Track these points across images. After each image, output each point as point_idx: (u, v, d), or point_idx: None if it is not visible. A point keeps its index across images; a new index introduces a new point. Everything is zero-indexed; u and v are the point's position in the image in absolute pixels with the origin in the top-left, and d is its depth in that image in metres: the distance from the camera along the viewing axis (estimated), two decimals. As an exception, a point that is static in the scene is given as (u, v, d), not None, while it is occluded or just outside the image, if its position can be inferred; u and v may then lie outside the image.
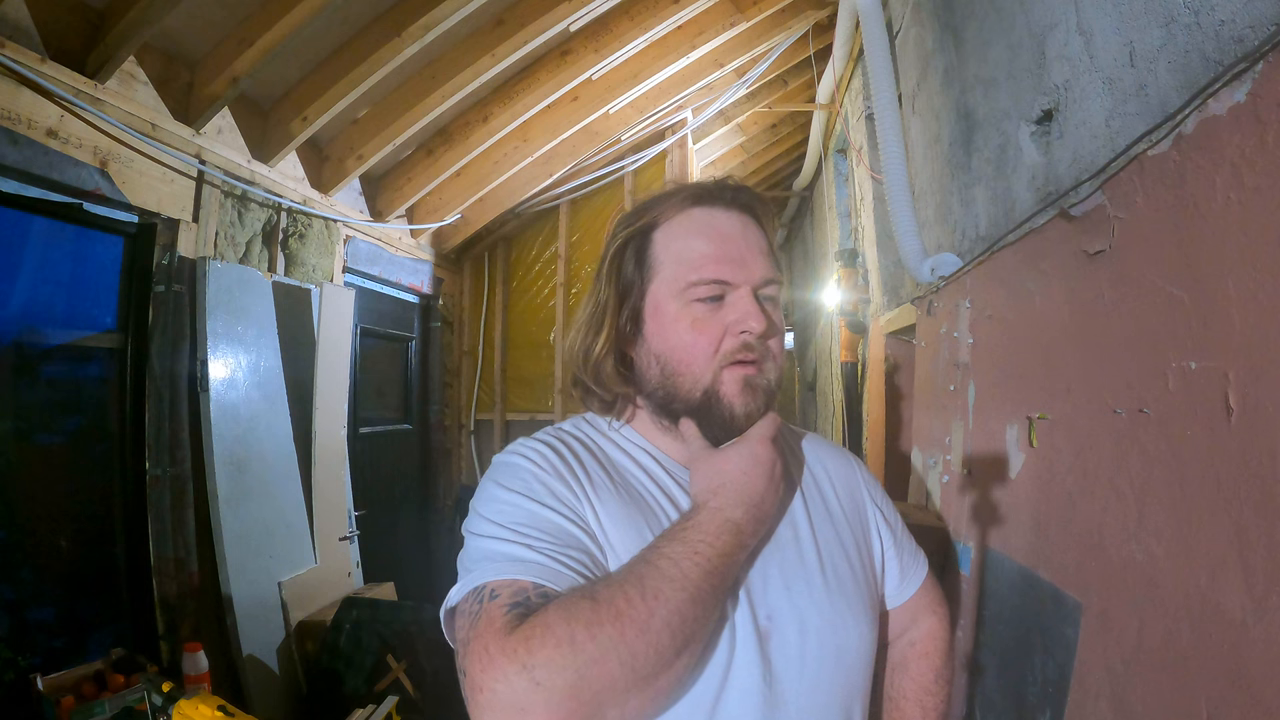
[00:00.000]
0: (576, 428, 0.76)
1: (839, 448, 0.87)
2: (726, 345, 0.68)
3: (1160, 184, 0.88)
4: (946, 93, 1.84)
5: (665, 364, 0.69)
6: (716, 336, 0.68)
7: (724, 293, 0.68)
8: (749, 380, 0.68)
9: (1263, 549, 0.69)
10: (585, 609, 0.50)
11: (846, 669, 0.67)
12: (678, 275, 0.69)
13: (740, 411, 0.67)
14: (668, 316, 0.69)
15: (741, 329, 0.67)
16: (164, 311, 2.21)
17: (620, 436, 0.74)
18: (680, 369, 0.68)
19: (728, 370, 0.68)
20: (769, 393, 0.69)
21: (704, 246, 0.69)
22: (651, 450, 0.73)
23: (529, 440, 0.71)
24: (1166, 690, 0.85)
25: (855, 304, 3.27)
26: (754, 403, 0.68)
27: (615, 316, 0.72)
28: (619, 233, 0.75)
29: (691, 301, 0.68)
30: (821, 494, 0.77)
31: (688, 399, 0.68)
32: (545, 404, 4.30)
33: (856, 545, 0.76)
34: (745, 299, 0.68)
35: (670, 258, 0.70)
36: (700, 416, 0.68)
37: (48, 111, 1.81)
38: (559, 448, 0.69)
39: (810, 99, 4.20)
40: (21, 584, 1.91)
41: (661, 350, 0.70)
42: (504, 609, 0.52)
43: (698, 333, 0.68)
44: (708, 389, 0.68)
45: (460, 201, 3.68)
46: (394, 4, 2.36)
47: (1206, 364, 0.79)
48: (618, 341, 0.73)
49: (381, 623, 2.44)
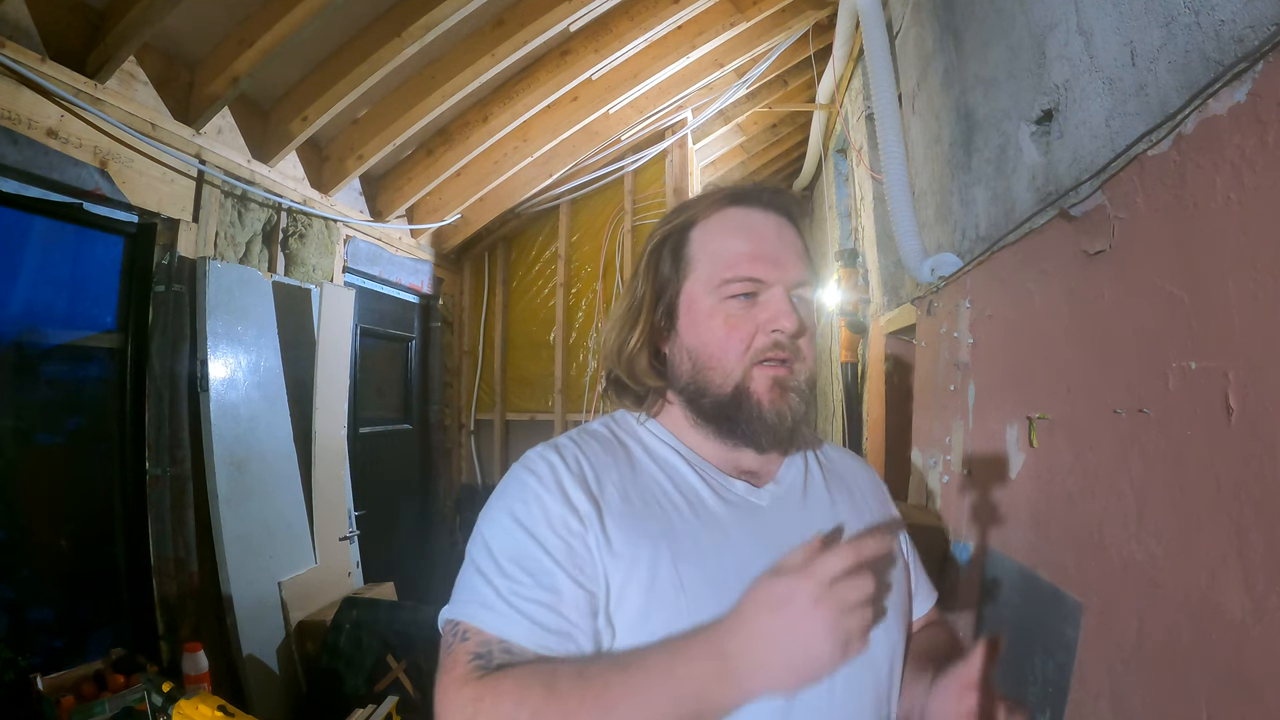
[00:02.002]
0: (606, 427, 0.76)
1: (861, 459, 0.89)
2: (758, 343, 0.68)
3: (1160, 184, 0.88)
4: (946, 93, 1.84)
5: (697, 358, 0.70)
6: (749, 333, 0.68)
7: (758, 290, 0.69)
8: (779, 380, 0.68)
9: (1263, 549, 0.69)
10: (537, 697, 0.52)
11: (879, 671, 0.67)
12: (713, 272, 0.70)
13: (769, 409, 0.68)
14: (702, 312, 0.70)
15: (774, 327, 0.68)
16: (164, 311, 2.21)
17: (647, 433, 0.75)
18: (712, 363, 0.69)
19: (758, 368, 0.68)
20: (800, 393, 0.70)
21: (740, 245, 0.70)
22: (678, 446, 0.73)
23: (547, 451, 0.70)
24: (1166, 690, 0.85)
25: (855, 304, 3.27)
26: (783, 403, 0.69)
27: (651, 312, 0.73)
28: (657, 232, 0.76)
29: (726, 298, 0.69)
30: (853, 502, 0.78)
31: (718, 394, 0.69)
32: (545, 404, 4.30)
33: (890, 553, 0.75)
34: (779, 298, 0.68)
35: (706, 255, 0.71)
36: (729, 412, 0.69)
37: (48, 111, 1.81)
38: (573, 460, 0.68)
39: (810, 99, 4.20)
40: (21, 584, 1.91)
41: (694, 345, 0.71)
42: (468, 657, 0.56)
43: (730, 328, 0.68)
44: (738, 385, 0.68)
45: (460, 201, 3.68)
46: (394, 4, 2.36)
47: (1206, 364, 0.79)
48: (652, 336, 0.74)
49: (381, 623, 2.44)
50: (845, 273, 3.31)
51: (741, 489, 0.71)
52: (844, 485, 0.79)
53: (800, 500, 0.74)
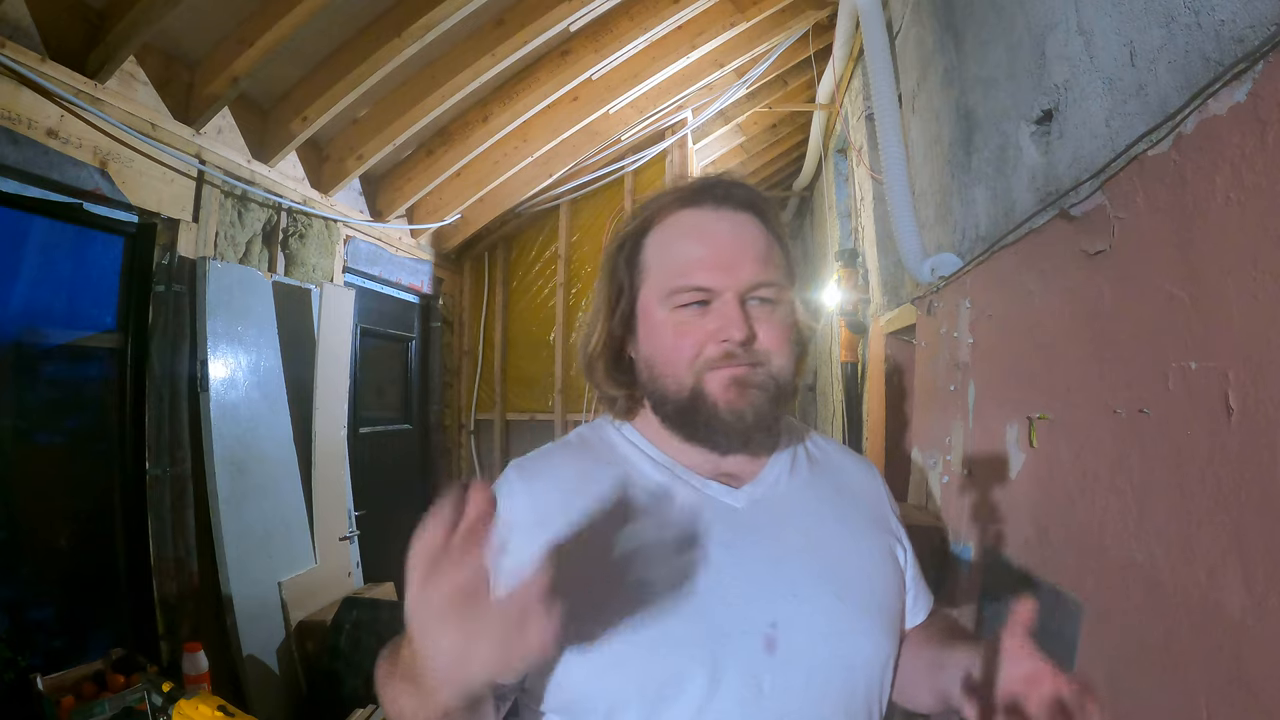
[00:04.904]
0: (580, 436, 0.78)
1: (861, 457, 0.87)
2: (709, 352, 0.67)
3: (1160, 184, 0.88)
4: (946, 93, 1.84)
5: (652, 367, 0.70)
6: (699, 343, 0.67)
7: (709, 299, 0.67)
8: (737, 379, 0.67)
9: (1262, 549, 0.69)
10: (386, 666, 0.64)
11: (856, 679, 0.66)
12: (662, 281, 0.69)
13: (725, 409, 0.67)
14: (654, 321, 0.70)
15: (723, 337, 0.66)
16: (164, 311, 2.21)
17: (622, 439, 0.75)
18: (665, 371, 0.69)
19: (711, 373, 0.67)
20: (766, 388, 0.68)
21: (688, 252, 0.69)
22: (652, 452, 0.73)
23: (518, 469, 0.72)
24: (1166, 690, 0.85)
25: (855, 304, 3.27)
26: (742, 401, 0.67)
27: (609, 319, 0.73)
28: (619, 233, 0.76)
29: (676, 308, 0.68)
30: (841, 502, 0.76)
31: (676, 400, 0.69)
32: (545, 404, 4.30)
33: (876, 555, 0.74)
34: (728, 306, 0.67)
35: (657, 263, 0.71)
36: (688, 415, 0.69)
37: (48, 111, 1.81)
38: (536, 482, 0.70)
39: (810, 99, 4.20)
40: (21, 584, 1.91)
41: (648, 353, 0.71)
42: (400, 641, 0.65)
43: (679, 338, 0.68)
44: (693, 389, 0.68)
45: (460, 201, 3.68)
46: (394, 4, 2.36)
47: (1206, 364, 0.79)
48: (609, 343, 0.74)
49: (381, 623, 2.44)
50: (845, 273, 3.31)
51: (717, 491, 0.70)
52: (832, 481, 0.77)
53: (781, 500, 0.72)
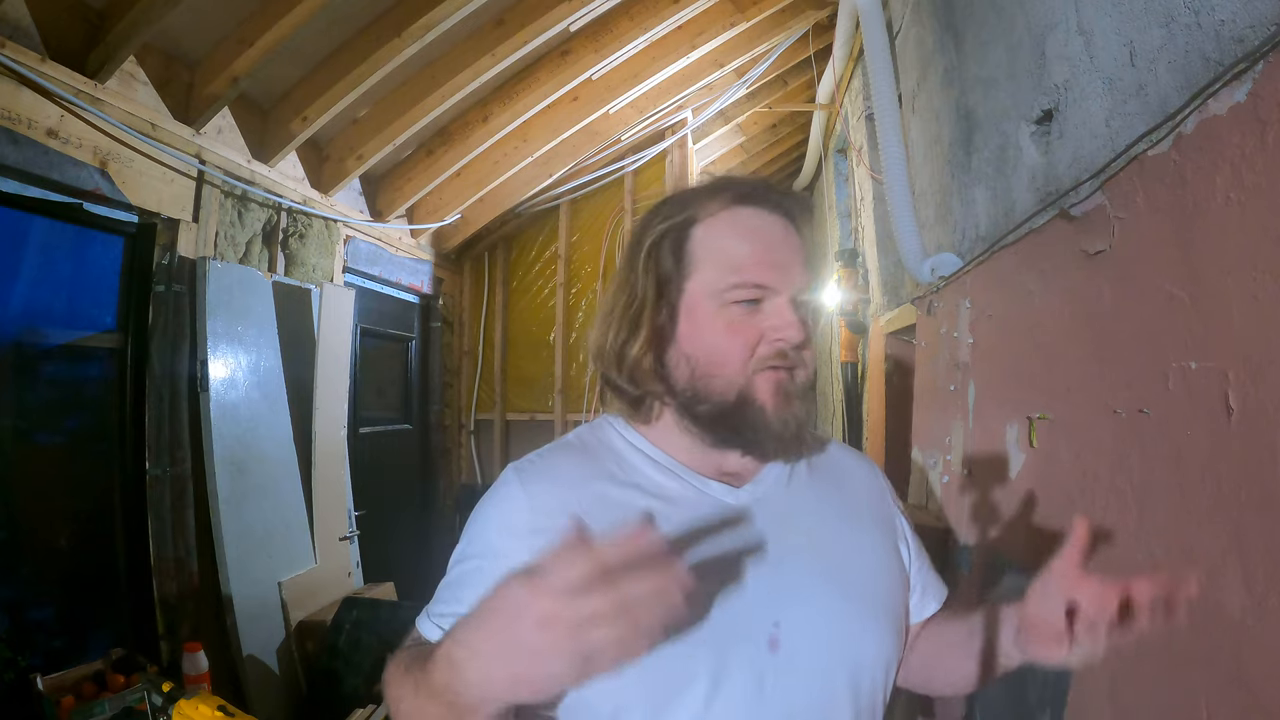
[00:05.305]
0: (580, 438, 0.76)
1: (863, 455, 0.87)
2: (761, 351, 0.66)
3: (1160, 184, 0.88)
4: (946, 93, 1.84)
5: (696, 365, 0.68)
6: (752, 341, 0.66)
7: (763, 297, 0.67)
8: (783, 385, 0.67)
9: (1262, 549, 0.69)
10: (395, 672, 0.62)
11: (859, 678, 0.66)
12: (718, 276, 0.67)
13: (774, 416, 0.66)
14: (703, 317, 0.67)
15: (778, 336, 0.66)
16: (164, 311, 2.21)
17: (623, 441, 0.73)
18: (713, 370, 0.67)
19: (760, 375, 0.66)
20: (806, 397, 0.69)
21: (747, 248, 0.67)
22: (648, 450, 0.72)
23: (517, 472, 0.71)
24: (1166, 690, 0.85)
25: (855, 304, 3.27)
26: (788, 409, 0.67)
27: (655, 313, 0.69)
28: (655, 224, 0.71)
29: (729, 304, 0.67)
30: (842, 500, 0.76)
31: (720, 401, 0.67)
32: (545, 404, 4.30)
33: (879, 553, 0.74)
34: (785, 307, 0.66)
35: (710, 256, 0.68)
36: (731, 420, 0.67)
37: (48, 111, 1.81)
38: (534, 485, 0.69)
39: (810, 99, 4.20)
40: (21, 584, 1.91)
41: (693, 351, 0.68)
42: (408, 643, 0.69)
43: (733, 335, 0.66)
44: (741, 391, 0.66)
45: (460, 201, 3.68)
46: (394, 4, 2.36)
47: (1206, 364, 0.79)
48: (655, 337, 0.70)
49: (381, 623, 2.44)
50: (845, 273, 3.31)
51: (718, 490, 0.70)
52: (834, 480, 0.77)
53: (783, 499, 0.72)
